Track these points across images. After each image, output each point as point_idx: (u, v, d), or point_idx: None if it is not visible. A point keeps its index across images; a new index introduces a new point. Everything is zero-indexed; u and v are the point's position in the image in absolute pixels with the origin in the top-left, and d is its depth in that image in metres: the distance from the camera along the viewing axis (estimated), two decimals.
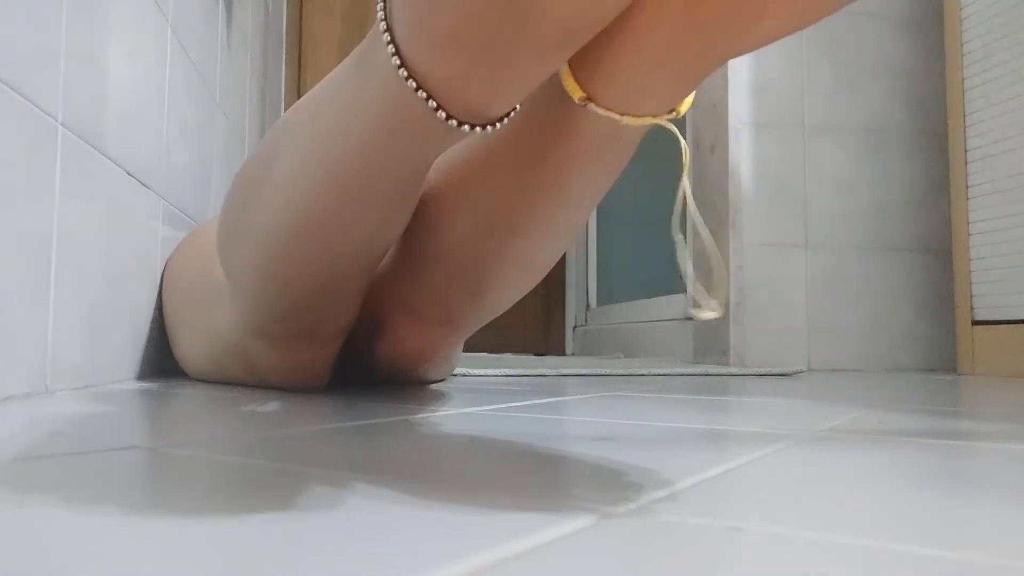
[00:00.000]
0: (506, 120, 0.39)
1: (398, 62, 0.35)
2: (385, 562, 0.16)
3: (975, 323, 1.28)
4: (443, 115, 0.36)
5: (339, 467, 0.26)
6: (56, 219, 0.49)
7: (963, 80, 1.31)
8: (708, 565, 0.16)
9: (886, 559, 0.17)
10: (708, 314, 0.33)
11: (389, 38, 0.35)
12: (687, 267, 0.37)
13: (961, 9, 1.31)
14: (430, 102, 0.36)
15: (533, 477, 0.26)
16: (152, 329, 0.69)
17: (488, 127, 0.38)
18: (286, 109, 2.00)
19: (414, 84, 0.35)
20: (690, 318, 1.62)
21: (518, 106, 0.39)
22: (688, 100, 0.39)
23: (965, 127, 1.31)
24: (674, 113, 0.39)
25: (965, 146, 1.30)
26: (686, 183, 0.38)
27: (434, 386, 0.66)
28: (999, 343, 1.23)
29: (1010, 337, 1.21)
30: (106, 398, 0.49)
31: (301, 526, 0.18)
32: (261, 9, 1.47)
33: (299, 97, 2.22)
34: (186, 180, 0.82)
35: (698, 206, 1.52)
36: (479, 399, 0.55)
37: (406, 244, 0.53)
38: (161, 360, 0.71)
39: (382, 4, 0.36)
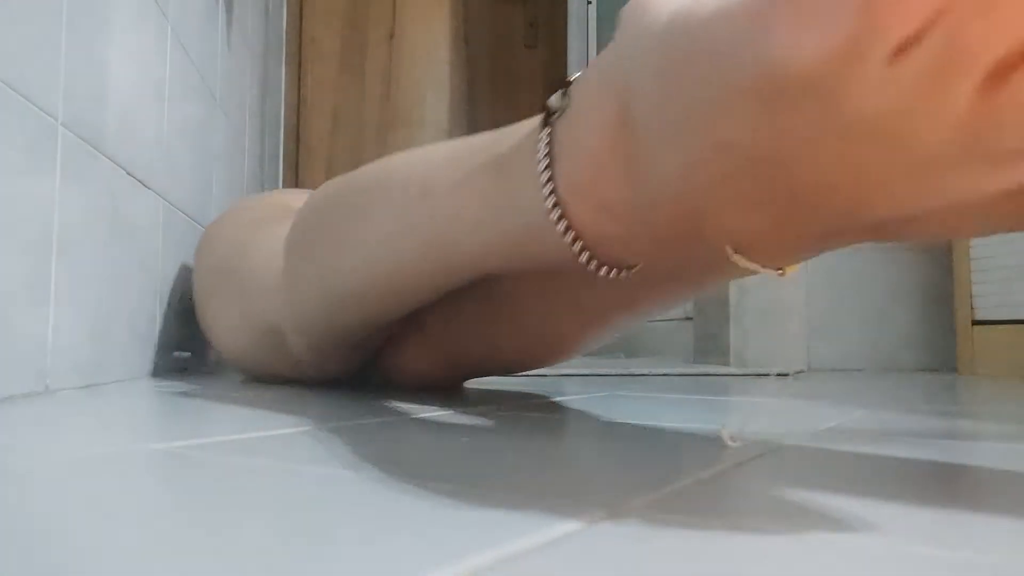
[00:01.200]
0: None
1: (557, 215, 0.33)
2: (386, 561, 0.16)
3: (975, 323, 1.28)
4: (585, 259, 0.35)
5: (342, 466, 0.26)
6: (56, 219, 0.49)
7: None
8: (708, 565, 0.16)
9: (886, 559, 0.17)
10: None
11: (551, 190, 0.33)
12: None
13: None
14: (575, 246, 0.34)
15: (533, 477, 0.26)
16: (153, 329, 0.69)
17: (624, 271, 0.36)
18: (286, 109, 2.00)
19: (571, 237, 0.34)
20: (690, 318, 1.62)
21: None
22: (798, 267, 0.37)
23: None
24: (780, 271, 0.37)
25: None
26: None
27: (435, 388, 0.66)
28: (999, 343, 1.23)
29: (1010, 337, 1.21)
30: (107, 398, 0.49)
31: (303, 526, 0.18)
32: (261, 9, 1.47)
33: (299, 97, 2.22)
34: (186, 180, 0.82)
35: None
36: (480, 399, 0.55)
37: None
38: (163, 359, 0.71)
39: (546, 149, 0.34)
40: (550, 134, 0.34)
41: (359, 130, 2.28)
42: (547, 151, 0.34)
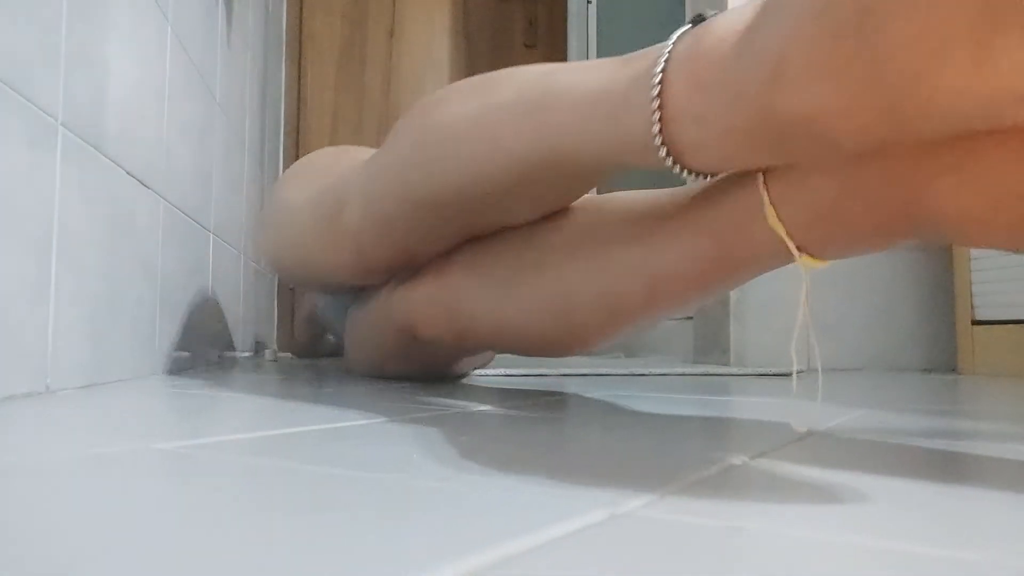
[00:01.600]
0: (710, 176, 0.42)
1: (657, 80, 0.38)
2: (386, 560, 0.16)
3: (975, 323, 1.28)
4: (657, 131, 0.38)
5: (344, 466, 0.26)
6: (56, 219, 0.49)
7: None
8: (708, 565, 0.16)
9: (886, 559, 0.17)
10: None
11: (665, 58, 0.38)
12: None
13: None
14: (655, 115, 0.38)
15: (533, 477, 0.26)
16: (152, 328, 0.69)
17: (698, 175, 0.41)
18: (286, 109, 2.00)
19: (656, 104, 0.38)
20: (690, 318, 1.62)
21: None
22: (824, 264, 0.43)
23: None
24: (800, 253, 0.42)
25: None
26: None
27: (438, 386, 0.66)
28: (999, 343, 1.23)
29: (1010, 337, 1.21)
30: (107, 397, 0.49)
31: (305, 525, 0.18)
32: (261, 8, 1.47)
33: (299, 97, 2.22)
34: (186, 180, 0.82)
35: None
36: (481, 398, 0.55)
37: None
38: (162, 359, 0.72)
39: (676, 38, 0.38)
40: (688, 30, 0.38)
41: (359, 129, 2.28)
42: (676, 39, 0.38)
